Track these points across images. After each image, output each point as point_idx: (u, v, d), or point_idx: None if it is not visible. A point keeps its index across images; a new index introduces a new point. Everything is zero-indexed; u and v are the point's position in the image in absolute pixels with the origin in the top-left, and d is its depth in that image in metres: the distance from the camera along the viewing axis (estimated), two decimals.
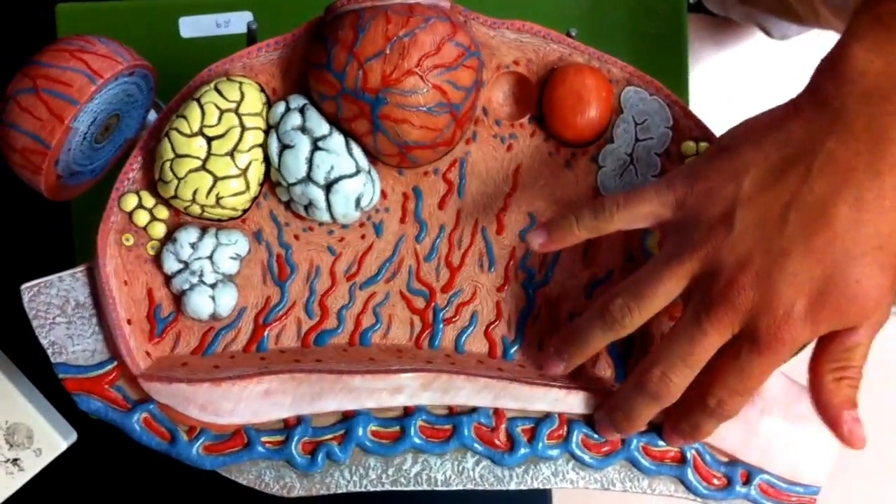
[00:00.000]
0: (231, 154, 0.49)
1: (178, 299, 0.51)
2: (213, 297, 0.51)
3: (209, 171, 0.49)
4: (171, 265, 0.51)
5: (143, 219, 0.51)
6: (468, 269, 0.53)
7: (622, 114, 0.52)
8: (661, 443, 0.52)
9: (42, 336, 0.51)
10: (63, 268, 0.51)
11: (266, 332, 0.52)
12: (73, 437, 0.61)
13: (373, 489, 0.51)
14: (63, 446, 0.60)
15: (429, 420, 0.51)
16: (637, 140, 0.52)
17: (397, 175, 0.53)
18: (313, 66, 0.49)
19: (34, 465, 0.59)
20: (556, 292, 0.53)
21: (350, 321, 0.53)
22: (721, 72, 1.18)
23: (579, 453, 0.52)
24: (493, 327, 0.53)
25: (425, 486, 0.51)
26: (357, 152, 0.50)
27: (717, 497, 0.52)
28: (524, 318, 0.53)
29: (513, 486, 0.52)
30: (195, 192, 0.49)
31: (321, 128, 0.50)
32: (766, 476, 0.52)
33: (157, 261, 0.51)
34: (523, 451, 0.51)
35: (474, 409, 0.51)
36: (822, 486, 0.53)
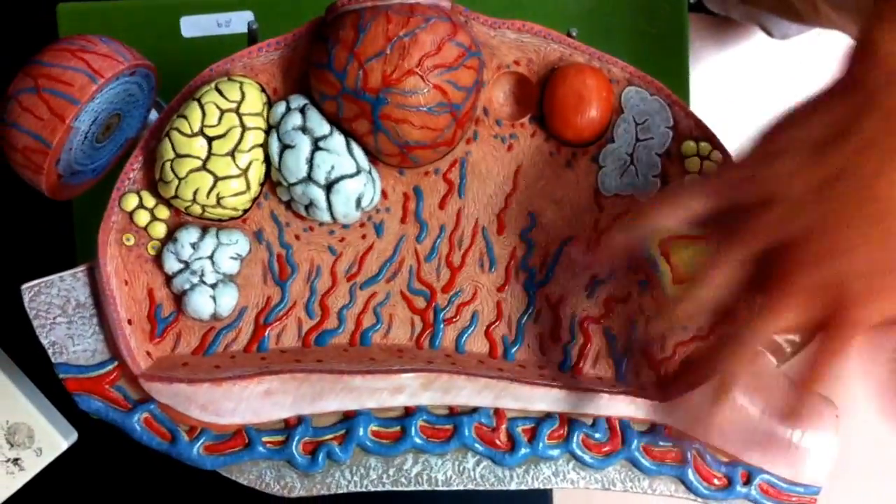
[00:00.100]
0: (232, 154, 0.49)
1: (179, 299, 0.51)
2: (213, 297, 0.51)
3: (210, 171, 0.49)
4: (171, 265, 0.51)
5: (143, 218, 0.51)
6: (469, 269, 0.53)
7: (623, 114, 0.52)
8: (661, 443, 0.52)
9: (43, 336, 0.51)
10: (64, 267, 0.51)
11: (267, 332, 0.52)
12: (74, 436, 0.61)
13: (373, 489, 0.51)
14: (64, 446, 0.60)
15: (429, 420, 0.51)
16: (638, 140, 0.52)
17: (398, 175, 0.53)
18: (314, 66, 0.49)
19: (35, 465, 0.59)
20: (557, 292, 0.53)
21: (351, 321, 0.53)
22: (722, 72, 1.18)
23: (580, 453, 0.52)
24: (493, 327, 0.53)
25: (426, 487, 0.51)
26: (358, 152, 0.50)
27: (718, 497, 0.52)
28: (525, 319, 0.53)
29: (513, 487, 0.52)
30: (196, 192, 0.49)
31: (322, 128, 0.50)
32: (766, 476, 0.52)
33: (157, 261, 0.51)
34: (524, 451, 0.51)
35: (475, 409, 0.51)
36: (822, 486, 0.53)
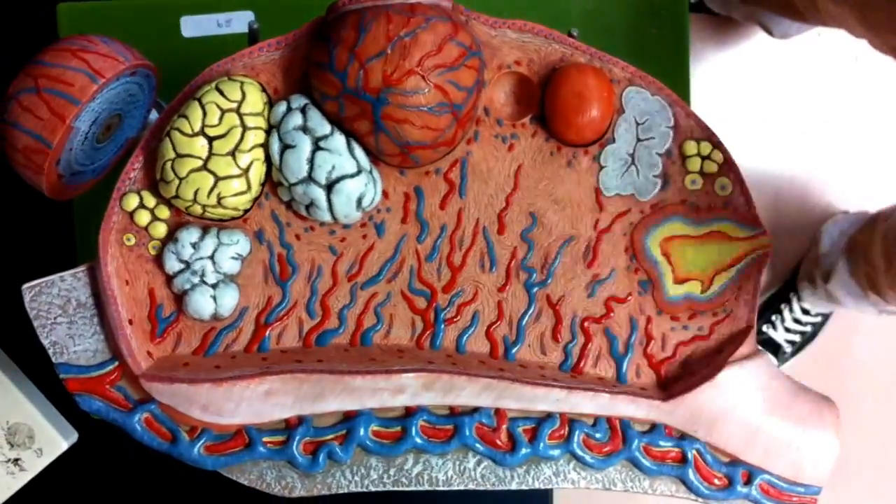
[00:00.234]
0: (232, 154, 0.49)
1: (180, 299, 0.51)
2: (214, 297, 0.51)
3: (210, 171, 0.49)
4: (172, 265, 0.51)
5: (144, 218, 0.51)
6: (469, 269, 0.53)
7: (623, 113, 0.52)
8: (662, 443, 0.52)
9: (43, 336, 0.51)
10: (65, 267, 0.51)
11: (268, 332, 0.52)
12: (74, 437, 0.61)
13: (374, 489, 0.51)
14: (64, 446, 0.60)
15: (430, 420, 0.51)
16: (638, 140, 0.52)
17: (399, 175, 0.52)
18: (315, 66, 0.49)
19: (35, 465, 0.59)
20: (557, 292, 0.53)
21: (351, 321, 0.53)
22: (722, 71, 1.18)
23: (581, 453, 0.52)
24: (494, 327, 0.53)
25: (427, 487, 0.51)
26: (358, 152, 0.50)
27: (719, 497, 0.52)
28: (526, 319, 0.53)
29: (514, 486, 0.52)
30: (196, 192, 0.49)
31: (323, 128, 0.50)
32: (767, 476, 0.52)
33: (158, 260, 0.51)
34: (525, 451, 0.51)
35: (476, 410, 0.51)
36: (823, 486, 0.53)
